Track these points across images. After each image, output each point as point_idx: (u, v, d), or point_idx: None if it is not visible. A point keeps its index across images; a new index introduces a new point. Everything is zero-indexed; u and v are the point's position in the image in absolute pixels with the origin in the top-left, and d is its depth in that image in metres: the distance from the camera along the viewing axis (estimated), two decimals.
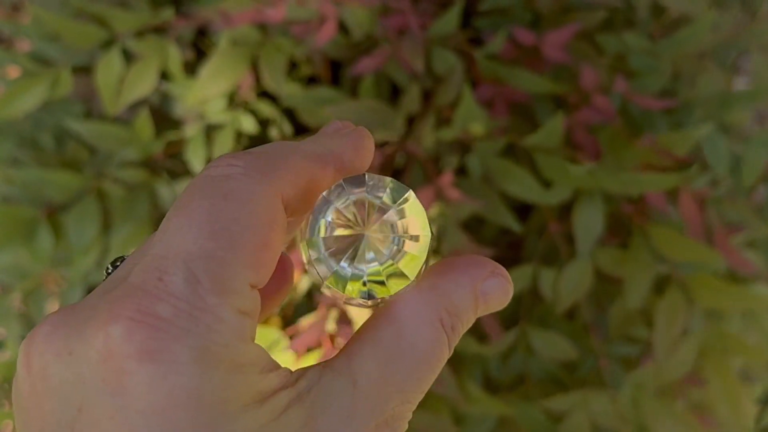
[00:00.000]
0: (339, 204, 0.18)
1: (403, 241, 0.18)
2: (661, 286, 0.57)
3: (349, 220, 0.18)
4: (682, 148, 0.54)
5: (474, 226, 0.61)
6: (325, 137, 0.20)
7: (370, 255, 0.18)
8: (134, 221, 0.61)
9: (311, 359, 0.45)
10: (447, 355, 0.18)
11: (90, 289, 0.68)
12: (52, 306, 0.69)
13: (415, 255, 0.18)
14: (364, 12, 0.56)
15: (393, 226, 0.18)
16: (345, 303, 0.19)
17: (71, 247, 0.61)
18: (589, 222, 0.55)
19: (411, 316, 0.18)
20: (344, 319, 0.46)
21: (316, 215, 0.18)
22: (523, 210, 0.61)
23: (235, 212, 0.16)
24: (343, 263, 0.18)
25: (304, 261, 0.19)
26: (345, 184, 0.18)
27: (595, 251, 0.56)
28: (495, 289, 0.19)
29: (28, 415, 0.16)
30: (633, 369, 0.57)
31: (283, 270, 0.22)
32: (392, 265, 0.18)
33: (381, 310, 0.18)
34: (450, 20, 0.58)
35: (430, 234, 0.18)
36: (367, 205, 0.18)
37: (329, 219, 0.18)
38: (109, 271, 0.20)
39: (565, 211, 0.58)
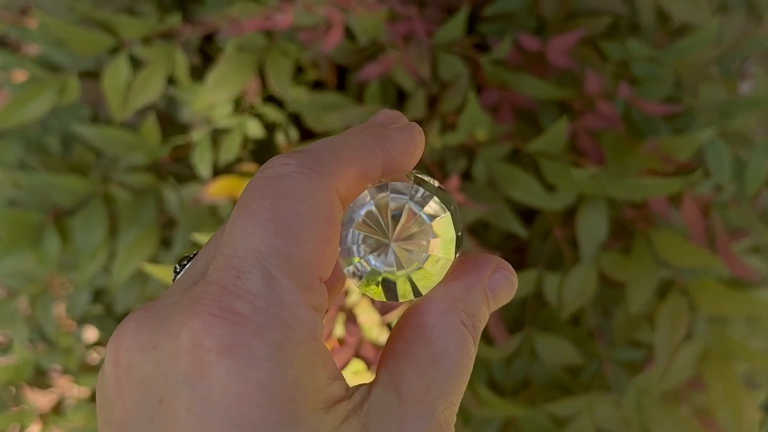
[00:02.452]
0: (377, 200, 0.19)
1: (427, 258, 0.19)
2: (665, 291, 0.57)
3: (380, 222, 0.19)
4: (685, 152, 0.54)
5: (479, 231, 0.62)
6: (375, 128, 0.20)
7: (390, 260, 0.19)
8: (141, 225, 0.61)
9: None
10: (474, 351, 0.19)
11: (97, 293, 0.69)
12: (59, 310, 0.69)
13: (431, 274, 0.19)
14: (371, 18, 0.56)
15: (423, 239, 0.19)
16: (361, 291, 0.20)
17: (78, 252, 0.61)
18: (593, 227, 0.55)
19: (436, 324, 0.19)
20: (351, 319, 0.46)
21: (354, 207, 0.19)
22: (528, 215, 0.61)
23: (295, 209, 0.17)
24: (368, 257, 0.19)
25: None
26: (390, 186, 0.19)
27: (599, 256, 0.56)
28: (500, 282, 0.20)
29: (110, 410, 0.17)
30: (638, 374, 0.57)
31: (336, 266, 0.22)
32: (407, 275, 0.19)
33: (405, 321, 0.19)
34: (456, 26, 0.58)
35: (453, 258, 0.19)
36: (404, 213, 0.19)
37: (362, 216, 0.19)
38: (178, 270, 0.20)
39: (570, 216, 0.58)
